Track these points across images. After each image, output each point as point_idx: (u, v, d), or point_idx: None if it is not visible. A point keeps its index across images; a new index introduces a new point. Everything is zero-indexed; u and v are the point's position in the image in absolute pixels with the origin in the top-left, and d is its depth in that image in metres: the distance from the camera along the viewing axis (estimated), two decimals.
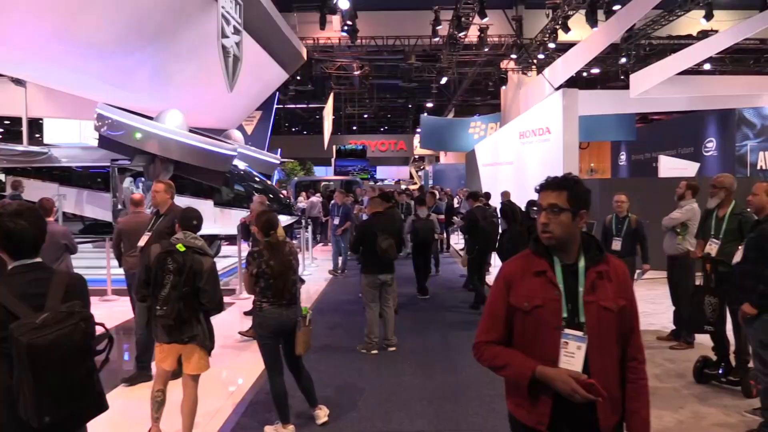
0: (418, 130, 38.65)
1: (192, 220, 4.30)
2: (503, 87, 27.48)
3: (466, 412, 5.18)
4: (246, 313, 8.44)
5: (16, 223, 2.54)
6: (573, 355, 2.25)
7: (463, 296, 10.29)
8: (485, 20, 19.71)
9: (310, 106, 37.28)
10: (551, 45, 21.56)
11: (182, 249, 4.06)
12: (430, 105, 37.16)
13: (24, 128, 19.99)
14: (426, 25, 22.23)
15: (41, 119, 23.69)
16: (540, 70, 22.13)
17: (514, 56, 23.94)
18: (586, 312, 2.27)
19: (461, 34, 20.86)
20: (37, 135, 24.66)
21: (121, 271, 6.88)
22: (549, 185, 2.40)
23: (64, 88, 14.21)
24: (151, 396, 4.42)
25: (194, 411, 4.33)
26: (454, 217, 12.27)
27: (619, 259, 2.47)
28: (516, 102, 25.33)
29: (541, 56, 22.57)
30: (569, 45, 20.45)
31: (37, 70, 12.25)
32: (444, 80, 28.62)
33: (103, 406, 2.66)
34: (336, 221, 13.03)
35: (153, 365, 4.97)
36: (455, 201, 19.63)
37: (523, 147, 17.76)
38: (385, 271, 7.12)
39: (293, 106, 36.69)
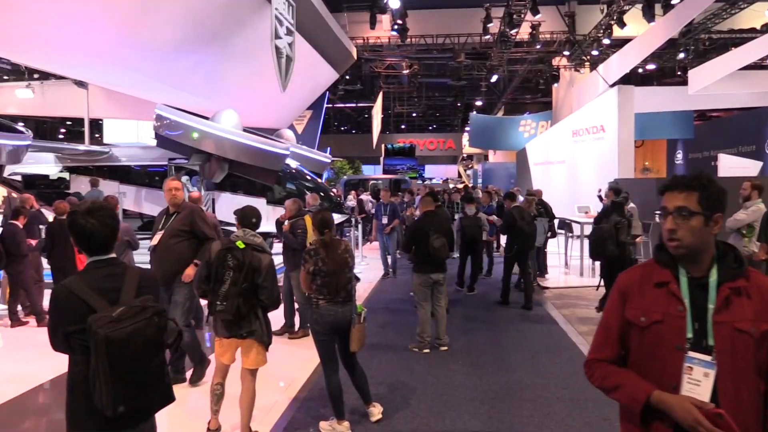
0: (467, 128, 38.42)
1: (251, 218, 4.40)
2: (555, 84, 27.08)
3: (520, 413, 5.14)
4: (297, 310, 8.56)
5: (86, 221, 2.65)
6: (698, 382, 1.93)
7: (513, 296, 10.19)
8: (537, 17, 19.44)
9: (359, 105, 37.51)
10: (606, 41, 21.11)
11: (242, 246, 4.15)
12: (479, 103, 36.88)
13: (86, 128, 20.73)
14: (476, 23, 22.08)
15: (101, 120, 24.49)
16: (593, 67, 21.70)
17: (566, 53, 23.56)
18: (716, 334, 1.95)
19: (513, 32, 20.63)
20: (97, 135, 25.52)
21: None
22: (676, 185, 2.09)
23: (124, 89, 14.71)
24: (210, 389, 4.53)
25: (252, 405, 4.43)
26: (493, 217, 12.11)
27: (766, 276, 2.10)
28: (568, 100, 24.93)
29: (594, 52, 22.13)
30: (624, 41, 20.00)
31: (100, 72, 12.71)
32: (494, 78, 28.36)
33: (171, 398, 2.76)
34: (384, 221, 13.01)
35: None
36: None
37: (576, 145, 17.48)
38: (437, 270, 7.11)
39: (342, 105, 36.97)
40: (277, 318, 6.66)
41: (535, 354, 6.94)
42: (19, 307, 8.42)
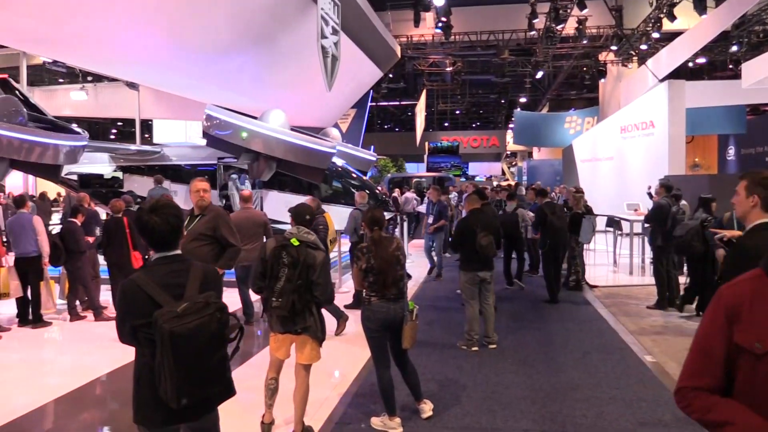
0: (511, 125, 38.06)
1: (305, 215, 4.47)
2: (601, 80, 26.61)
3: (572, 413, 5.08)
4: (347, 306, 8.64)
5: (150, 218, 2.76)
6: None
7: (560, 294, 10.08)
8: (584, 11, 19.14)
9: (402, 103, 37.55)
10: (655, 35, 20.64)
11: (296, 243, 4.23)
12: (523, 100, 36.52)
13: (137, 129, 21.34)
14: (521, 19, 21.86)
15: (150, 120, 25.15)
16: (642, 62, 21.24)
17: (613, 47, 23.15)
18: None
19: (558, 27, 20.36)
20: (146, 135, 26.22)
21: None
22: None
23: (174, 90, 15.07)
24: (264, 383, 4.62)
25: (306, 399, 4.50)
26: (530, 213, 11.96)
27: None
28: (615, 95, 24.47)
29: (643, 47, 21.66)
30: (674, 34, 19.53)
31: (151, 74, 13.06)
32: (540, 74, 28.02)
33: (232, 392, 2.84)
34: (431, 219, 12.96)
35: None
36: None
37: (624, 142, 17.16)
38: (484, 269, 7.08)
39: (385, 103, 37.06)
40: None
41: (585, 353, 6.85)
42: (78, 302, 8.71)
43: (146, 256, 8.69)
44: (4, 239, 8.55)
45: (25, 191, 18.11)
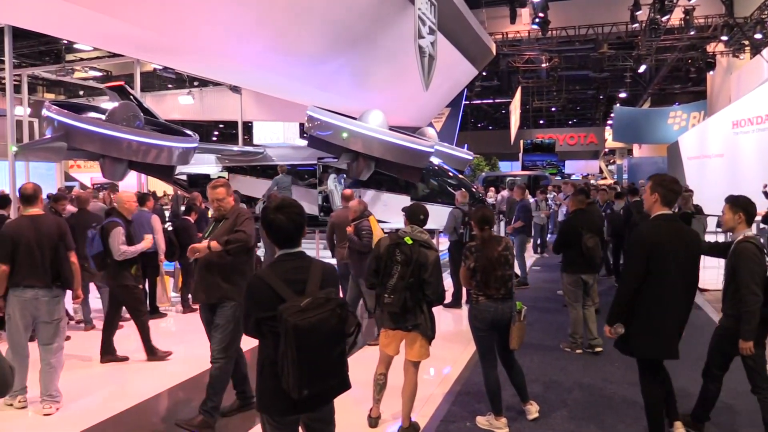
0: (610, 122, 36.75)
1: (419, 215, 4.54)
2: (710, 72, 25.21)
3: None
4: (446, 306, 8.67)
5: (276, 216, 2.89)
6: None
7: None
8: (692, 1, 18.20)
9: (496, 101, 37.09)
10: None
11: (409, 242, 4.31)
12: (623, 95, 35.15)
13: (239, 131, 22.24)
14: (622, 12, 21.10)
15: (250, 122, 26.11)
16: (756, 52, 19.94)
17: (724, 38, 21.84)
18: None
19: (664, 18, 19.46)
20: (245, 137, 27.27)
21: (333, 261, 7.31)
22: None
23: (275, 93, 15.60)
24: (373, 379, 4.73)
25: (414, 396, 4.57)
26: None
27: None
28: (725, 88, 23.12)
29: (757, 36, 20.32)
30: None
31: (255, 78, 13.59)
32: (642, 68, 26.87)
33: (348, 385, 2.93)
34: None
35: None
36: None
37: (736, 137, 16.18)
38: (588, 271, 6.92)
39: (479, 101, 36.73)
40: None
41: (697, 360, 6.48)
42: (190, 295, 9.20)
43: None
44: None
45: (147, 191, 19.24)
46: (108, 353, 6.70)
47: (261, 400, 2.91)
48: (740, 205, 4.32)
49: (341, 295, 3.18)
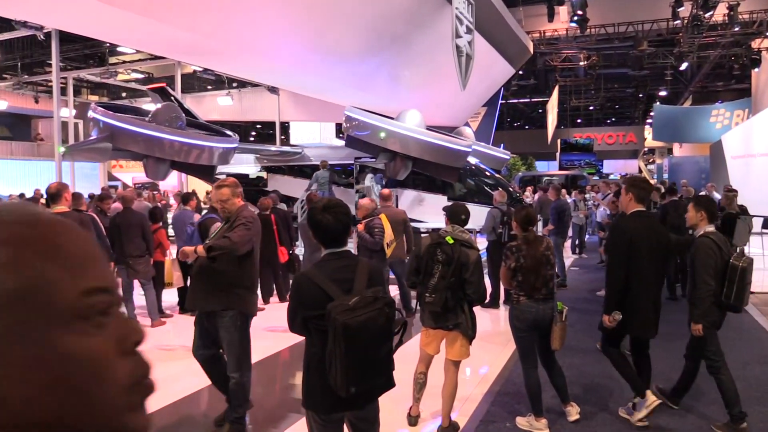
0: (649, 120, 36.07)
1: (461, 214, 4.55)
2: (755, 69, 24.53)
3: None
4: (484, 306, 8.64)
5: (323, 216, 2.93)
6: None
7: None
8: None
9: (533, 100, 36.74)
10: None
11: (451, 241, 4.31)
12: (663, 93, 34.45)
13: (277, 131, 22.50)
14: (662, 8, 20.71)
15: (286, 123, 26.36)
16: None
17: None
18: None
19: (707, 14, 19.02)
20: (282, 137, 27.56)
21: None
22: None
23: (313, 93, 15.74)
24: (413, 377, 4.75)
25: (454, 395, 4.58)
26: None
27: None
28: None
29: None
30: None
31: (294, 79, 13.74)
32: (684, 66, 26.29)
33: (393, 384, 2.96)
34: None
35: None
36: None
37: None
38: None
39: (515, 100, 36.43)
40: None
41: (745, 365, 6.40)
42: None
43: (291, 251, 9.17)
44: (170, 234, 9.32)
45: (188, 190, 19.57)
46: None
47: (308, 397, 2.95)
48: (702, 204, 4.97)
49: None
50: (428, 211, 12.36)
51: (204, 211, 9.03)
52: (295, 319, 2.92)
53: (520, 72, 27.12)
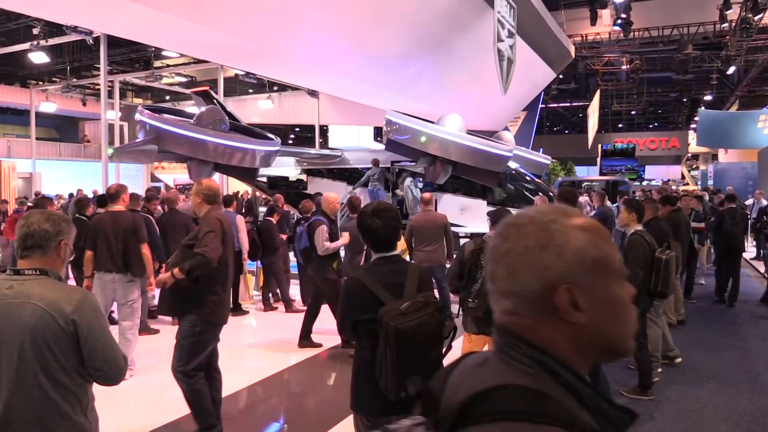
0: (693, 125, 35.25)
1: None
2: None
3: None
4: None
5: (372, 221, 2.94)
6: None
7: (762, 311, 9.22)
8: None
9: (573, 104, 36.26)
10: None
11: None
12: (708, 98, 33.62)
13: (316, 134, 22.70)
14: (709, 11, 20.27)
15: (325, 126, 26.56)
16: None
17: None
18: None
19: (757, 17, 18.53)
20: (320, 140, 27.77)
21: None
22: None
23: (353, 97, 15.82)
24: None
25: None
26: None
27: None
28: None
29: None
30: None
31: (335, 82, 13.83)
32: (731, 69, 25.65)
33: None
34: None
35: None
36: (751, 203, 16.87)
37: None
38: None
39: (555, 105, 36.02)
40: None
41: None
42: (270, 294, 9.46)
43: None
44: None
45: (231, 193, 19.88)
46: (306, 339, 7.15)
47: (357, 399, 2.96)
48: (633, 206, 5.56)
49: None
50: (467, 216, 12.31)
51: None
52: (345, 323, 2.93)
53: (560, 76, 26.82)
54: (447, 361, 3.79)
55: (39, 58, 17.70)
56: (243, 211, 14.54)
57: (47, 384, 2.18)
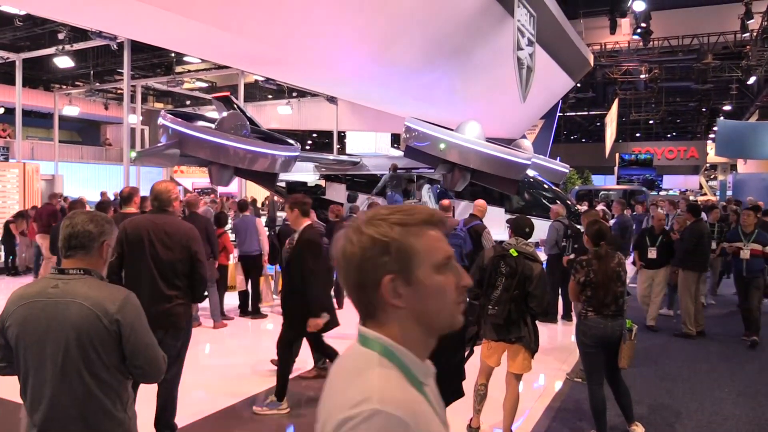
0: (712, 135, 34.98)
1: (525, 227, 4.54)
2: None
3: None
4: (541, 319, 8.54)
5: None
6: None
7: None
8: None
9: (591, 113, 36.16)
10: None
11: (515, 254, 4.32)
12: (727, 108, 33.37)
13: (334, 140, 22.82)
14: (730, 20, 20.16)
15: (342, 132, 26.68)
16: None
17: None
18: None
19: None
20: (338, 146, 27.90)
21: None
22: None
23: (372, 104, 15.92)
24: (474, 389, 4.75)
25: (515, 408, 4.57)
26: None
27: None
28: None
29: None
30: None
31: (355, 89, 13.94)
32: (752, 80, 25.46)
33: (462, 393, 2.99)
34: None
35: None
36: None
37: None
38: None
39: (573, 113, 35.92)
40: None
41: None
42: None
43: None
44: (233, 238, 9.56)
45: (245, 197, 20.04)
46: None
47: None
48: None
49: None
50: (486, 223, 12.30)
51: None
52: None
53: (578, 84, 26.78)
54: (468, 365, 3.83)
55: (63, 62, 17.95)
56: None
57: (90, 381, 2.25)
